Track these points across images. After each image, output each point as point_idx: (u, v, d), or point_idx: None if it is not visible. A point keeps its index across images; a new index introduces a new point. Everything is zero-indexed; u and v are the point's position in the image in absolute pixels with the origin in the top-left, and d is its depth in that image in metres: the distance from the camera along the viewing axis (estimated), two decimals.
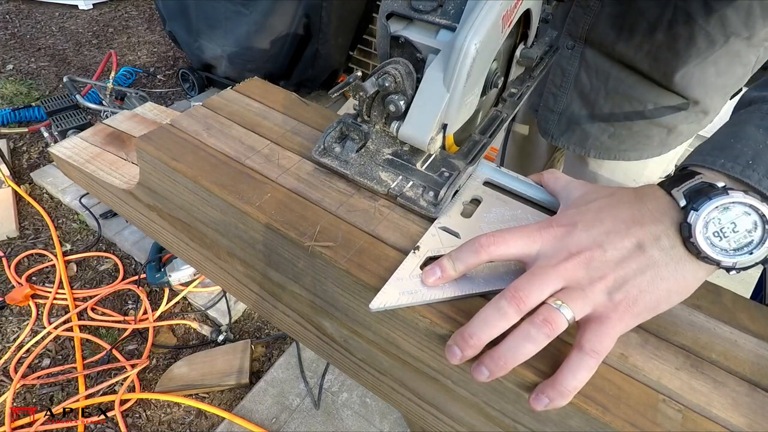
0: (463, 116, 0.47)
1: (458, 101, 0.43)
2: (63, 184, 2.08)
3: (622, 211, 0.37)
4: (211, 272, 0.63)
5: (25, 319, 1.66)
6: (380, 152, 0.51)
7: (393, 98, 0.45)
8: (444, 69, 0.42)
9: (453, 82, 0.42)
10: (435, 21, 0.43)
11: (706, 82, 0.70)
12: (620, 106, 0.78)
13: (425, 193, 0.48)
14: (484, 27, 0.39)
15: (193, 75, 2.63)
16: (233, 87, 0.66)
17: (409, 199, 0.47)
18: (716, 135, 0.39)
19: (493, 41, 0.43)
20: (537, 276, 0.35)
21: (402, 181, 0.49)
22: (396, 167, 0.50)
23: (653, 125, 0.78)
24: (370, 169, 0.50)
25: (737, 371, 0.38)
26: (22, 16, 3.44)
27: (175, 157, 0.53)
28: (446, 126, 0.46)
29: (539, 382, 0.36)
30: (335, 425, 1.44)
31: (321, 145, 0.51)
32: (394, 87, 0.44)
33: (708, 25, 0.63)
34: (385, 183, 0.49)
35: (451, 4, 0.42)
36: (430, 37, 0.44)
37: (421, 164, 0.50)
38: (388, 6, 0.45)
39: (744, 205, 0.33)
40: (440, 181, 0.48)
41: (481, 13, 0.39)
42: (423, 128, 0.45)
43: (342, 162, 0.50)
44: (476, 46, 0.39)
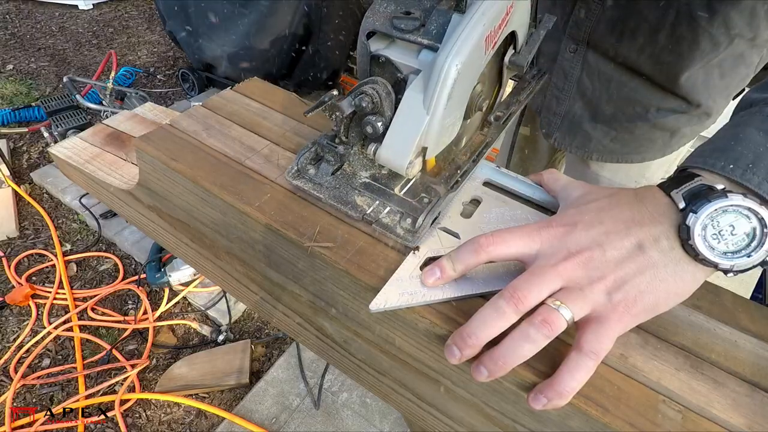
0: (444, 140, 0.45)
1: (439, 124, 0.42)
2: (63, 184, 2.08)
3: (621, 211, 0.37)
4: (210, 272, 0.63)
5: (25, 319, 1.66)
6: (357, 175, 0.49)
7: (370, 119, 0.43)
8: (424, 90, 0.40)
9: (433, 104, 0.40)
10: (416, 40, 0.41)
11: (709, 85, 0.70)
12: (623, 110, 0.77)
13: (402, 220, 0.45)
14: (466, 48, 0.38)
15: (193, 75, 2.63)
16: (233, 87, 0.66)
17: (385, 227, 0.45)
18: (717, 136, 0.39)
19: (476, 63, 0.41)
20: (536, 276, 0.35)
21: (379, 206, 0.47)
22: (373, 191, 0.48)
23: (656, 128, 0.77)
24: (346, 193, 0.48)
25: (737, 371, 0.38)
26: (22, 16, 3.44)
27: (174, 157, 0.53)
28: (426, 149, 0.44)
29: (538, 382, 0.36)
30: (335, 425, 1.44)
31: (294, 166, 0.49)
32: (372, 108, 0.42)
33: (711, 27, 0.63)
34: (360, 208, 0.46)
35: (433, 23, 0.41)
36: (411, 57, 0.43)
37: (400, 189, 0.48)
38: (369, 24, 0.43)
39: (743, 208, 0.33)
40: (419, 208, 0.46)
41: (463, 34, 0.38)
42: (401, 152, 0.43)
43: (316, 185, 0.48)
44: (457, 67, 0.38)
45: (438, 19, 0.41)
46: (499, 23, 0.41)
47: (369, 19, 0.43)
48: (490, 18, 0.39)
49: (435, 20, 0.41)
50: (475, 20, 0.38)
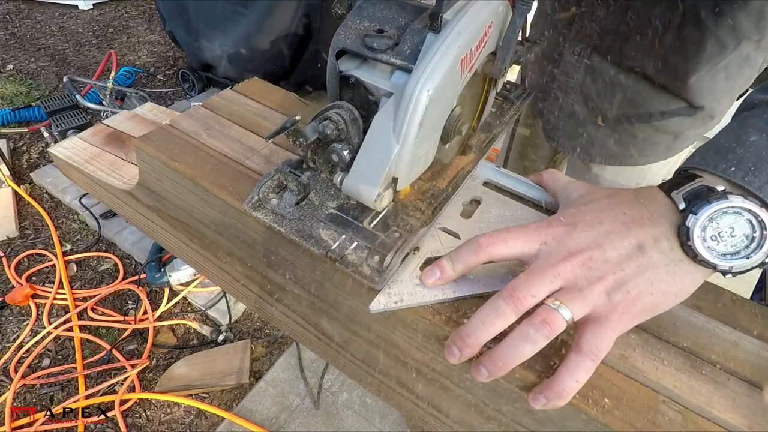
0: (416, 170, 0.42)
1: (410, 153, 0.39)
2: (63, 184, 2.08)
3: (621, 212, 0.37)
4: (210, 272, 0.63)
5: (25, 319, 1.66)
6: (324, 205, 0.46)
7: (335, 147, 0.40)
8: (394, 117, 0.37)
9: (403, 133, 0.37)
10: (389, 61, 0.38)
11: (715, 87, 0.69)
12: (626, 113, 0.77)
13: (370, 257, 0.42)
14: (439, 72, 0.35)
15: (193, 75, 2.63)
16: (233, 87, 0.66)
17: (350, 265, 0.41)
18: (718, 137, 0.39)
19: (451, 87, 0.38)
20: (535, 276, 0.35)
21: (345, 241, 0.43)
22: (340, 224, 0.44)
23: (660, 131, 0.77)
24: (310, 226, 0.44)
25: (737, 372, 0.38)
26: (22, 16, 3.44)
27: (174, 157, 0.53)
28: (397, 180, 0.41)
29: (538, 382, 0.36)
30: (335, 425, 1.44)
31: (255, 195, 0.45)
32: (337, 134, 0.40)
33: (719, 29, 0.62)
34: (324, 243, 0.43)
35: (407, 43, 0.38)
36: (383, 79, 0.40)
37: (370, 221, 0.45)
38: (339, 42, 0.40)
39: (743, 210, 0.33)
40: (389, 243, 0.42)
41: (435, 57, 0.35)
42: (369, 183, 0.40)
43: (277, 217, 0.45)
44: (429, 93, 0.35)
45: (412, 38, 0.38)
46: (477, 44, 0.39)
47: (340, 36, 0.40)
48: (466, 39, 0.37)
49: (409, 39, 0.38)
50: (449, 42, 0.36)
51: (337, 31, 0.40)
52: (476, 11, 0.37)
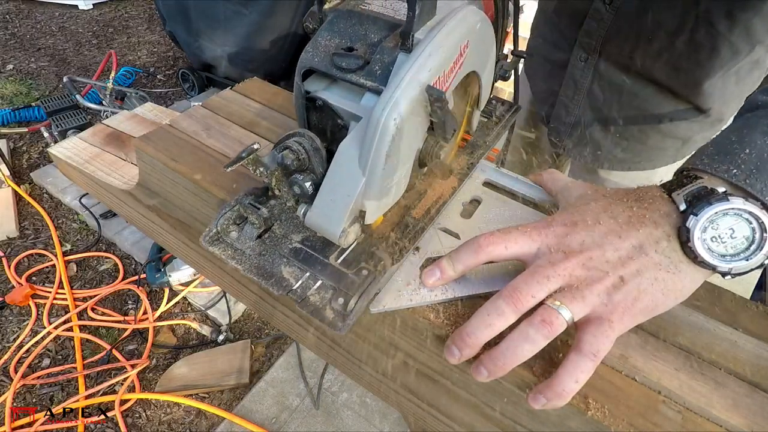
0: (386, 201, 0.39)
1: (378, 186, 0.36)
2: (63, 184, 2.08)
3: (621, 212, 0.37)
4: (210, 272, 0.63)
5: (25, 319, 1.66)
6: (288, 238, 0.43)
7: (297, 179, 0.37)
8: (360, 146, 0.35)
9: (369, 164, 0.34)
10: (358, 82, 0.35)
11: (726, 91, 0.69)
12: (635, 120, 0.76)
13: (334, 299, 0.39)
14: (407, 99, 0.33)
15: (193, 75, 2.63)
16: (233, 87, 0.66)
17: (312, 307, 0.38)
18: (720, 138, 0.39)
19: (423, 113, 0.36)
20: (535, 276, 0.35)
21: (308, 280, 0.40)
22: (304, 260, 0.41)
23: (668, 137, 0.76)
24: (271, 263, 0.41)
25: (737, 372, 0.38)
26: (22, 16, 3.44)
27: (174, 157, 0.53)
28: (364, 213, 0.38)
29: (538, 382, 0.36)
30: (335, 425, 1.44)
31: (213, 229, 0.42)
32: (298, 165, 0.37)
33: (732, 35, 0.61)
34: (285, 283, 0.40)
35: (377, 63, 0.35)
36: (352, 101, 0.37)
37: (337, 256, 0.41)
38: (306, 61, 0.37)
39: (743, 212, 0.33)
40: (356, 282, 0.39)
41: (403, 82, 0.33)
42: (333, 218, 0.37)
43: (236, 252, 0.42)
44: (395, 121, 0.32)
45: (383, 57, 0.35)
46: (451, 66, 0.36)
47: (308, 54, 0.37)
48: (438, 61, 0.34)
49: (379, 59, 0.35)
50: (419, 65, 0.33)
51: (306, 48, 0.38)
52: (449, 30, 0.35)
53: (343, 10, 0.38)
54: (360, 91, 0.37)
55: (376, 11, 0.38)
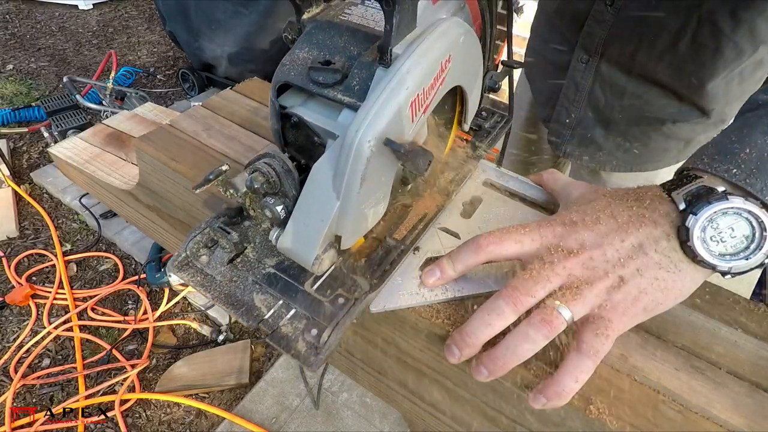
0: (364, 226, 0.37)
1: (354, 210, 0.34)
2: (63, 184, 2.08)
3: (621, 212, 0.37)
4: None
5: (25, 319, 1.66)
6: (261, 263, 0.41)
7: (268, 202, 0.36)
8: (334, 168, 0.33)
9: (344, 187, 0.32)
10: (336, 98, 0.34)
11: (729, 92, 0.68)
12: (637, 121, 0.75)
13: (307, 330, 0.37)
14: (383, 119, 0.31)
15: (193, 75, 2.63)
16: (233, 87, 0.66)
17: (283, 340, 0.36)
18: (721, 138, 0.38)
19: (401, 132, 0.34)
20: (535, 275, 0.35)
21: (281, 308, 0.38)
22: (277, 287, 0.39)
23: (671, 139, 0.75)
24: (242, 289, 0.39)
25: (737, 372, 0.38)
26: (22, 16, 3.44)
27: (174, 157, 0.53)
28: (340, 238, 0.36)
29: (538, 382, 0.36)
30: (335, 425, 1.44)
31: (182, 252, 0.40)
32: (268, 188, 0.35)
33: (736, 35, 0.60)
34: (256, 312, 0.38)
35: (355, 77, 0.33)
36: (329, 118, 0.35)
37: (312, 282, 0.39)
38: (282, 75, 0.35)
39: (743, 211, 0.33)
40: (331, 311, 0.37)
41: (379, 101, 0.31)
42: (306, 244, 0.35)
43: (206, 278, 0.40)
44: (370, 144, 0.31)
45: (360, 72, 0.34)
46: (432, 82, 0.34)
47: (284, 67, 0.35)
48: (417, 79, 0.32)
49: (357, 74, 0.34)
50: (396, 82, 0.31)
51: (282, 61, 0.36)
52: (429, 45, 0.33)
53: (321, 21, 0.36)
54: (337, 107, 0.35)
55: (356, 22, 0.36)
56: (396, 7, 0.30)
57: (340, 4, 0.38)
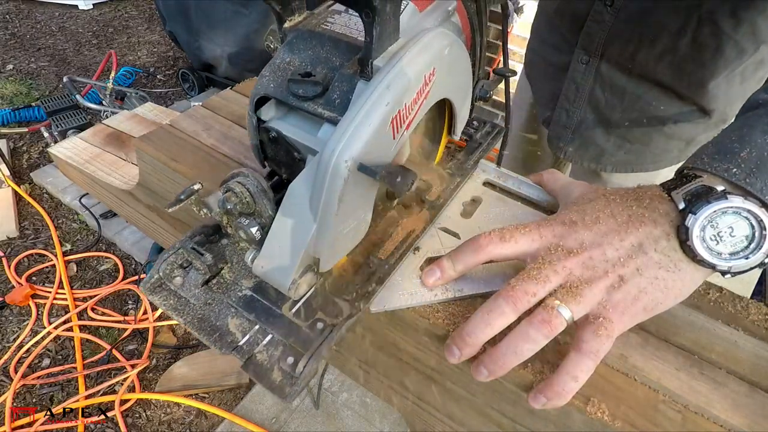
0: (344, 248, 0.36)
1: (331, 233, 0.32)
2: (63, 184, 2.08)
3: (621, 211, 0.37)
4: None
5: (25, 319, 1.66)
6: (238, 284, 0.39)
7: (242, 223, 0.34)
8: (311, 188, 0.31)
9: (320, 209, 0.31)
10: (316, 111, 0.32)
11: (730, 92, 0.68)
12: (638, 122, 0.75)
13: (283, 358, 0.35)
14: (361, 137, 0.29)
15: (193, 75, 2.63)
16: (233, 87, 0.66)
17: (258, 369, 0.35)
18: (721, 137, 0.38)
19: (382, 150, 0.32)
20: (535, 275, 0.35)
21: (257, 334, 0.36)
22: (254, 310, 0.37)
23: (672, 139, 0.75)
24: (217, 313, 0.37)
25: (737, 371, 0.38)
26: (22, 16, 3.44)
27: (174, 157, 0.53)
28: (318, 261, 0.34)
29: (538, 381, 0.36)
30: (335, 425, 1.44)
31: (155, 274, 0.38)
32: (242, 208, 0.33)
33: (737, 34, 0.60)
34: (231, 338, 0.36)
35: (336, 90, 0.32)
36: (309, 133, 0.34)
37: (291, 305, 0.38)
38: (261, 87, 0.34)
39: (742, 210, 0.33)
40: (309, 338, 0.36)
41: (357, 118, 0.29)
42: (282, 267, 0.33)
43: (180, 301, 0.38)
44: (347, 164, 0.29)
45: (341, 85, 0.32)
46: (414, 97, 0.32)
47: (264, 79, 0.34)
48: (398, 94, 0.31)
49: (338, 86, 0.32)
50: (376, 98, 0.30)
51: (262, 72, 0.35)
52: (411, 59, 0.31)
53: (303, 30, 0.35)
54: (318, 121, 0.33)
55: (338, 31, 0.35)
56: (376, 19, 0.29)
57: (323, 13, 0.37)
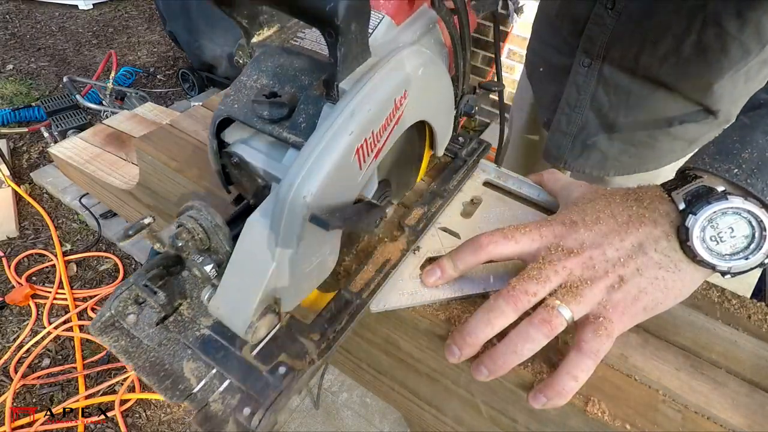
0: (308, 286, 0.33)
1: (292, 273, 0.30)
2: (63, 184, 2.08)
3: (621, 211, 0.37)
4: None
5: (25, 319, 1.66)
6: (196, 323, 0.35)
7: (194, 261, 0.30)
8: (269, 224, 0.28)
9: (278, 248, 0.28)
10: (281, 135, 0.30)
11: (735, 92, 0.67)
12: (643, 124, 0.73)
13: (239, 408, 0.31)
14: (322, 171, 0.27)
15: (193, 75, 2.63)
16: None
17: (211, 421, 0.31)
18: (722, 137, 0.38)
19: (347, 181, 0.29)
20: (535, 275, 0.35)
21: (213, 379, 0.33)
22: (211, 352, 0.34)
23: (677, 140, 0.74)
24: (172, 355, 0.34)
25: (737, 371, 0.38)
26: (22, 16, 3.44)
27: (174, 157, 0.53)
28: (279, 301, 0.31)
29: (538, 381, 0.36)
30: (335, 425, 1.44)
31: (106, 311, 0.35)
32: (195, 245, 0.30)
33: (742, 35, 0.60)
34: (185, 384, 0.33)
35: (302, 113, 0.30)
36: (274, 159, 0.31)
37: (251, 348, 0.34)
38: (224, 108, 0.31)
39: (743, 211, 0.33)
40: (269, 383, 0.32)
41: (317, 149, 0.27)
42: (239, 309, 0.30)
43: (131, 342, 0.34)
44: (306, 200, 0.27)
45: (307, 108, 0.30)
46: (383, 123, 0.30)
47: (228, 99, 0.32)
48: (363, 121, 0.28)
49: (304, 109, 0.30)
50: (338, 127, 0.27)
51: (226, 91, 0.32)
52: (380, 81, 0.29)
53: (271, 46, 0.33)
54: (284, 146, 0.31)
55: (308, 48, 0.33)
56: (339, 39, 0.26)
57: (293, 27, 0.35)
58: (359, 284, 0.39)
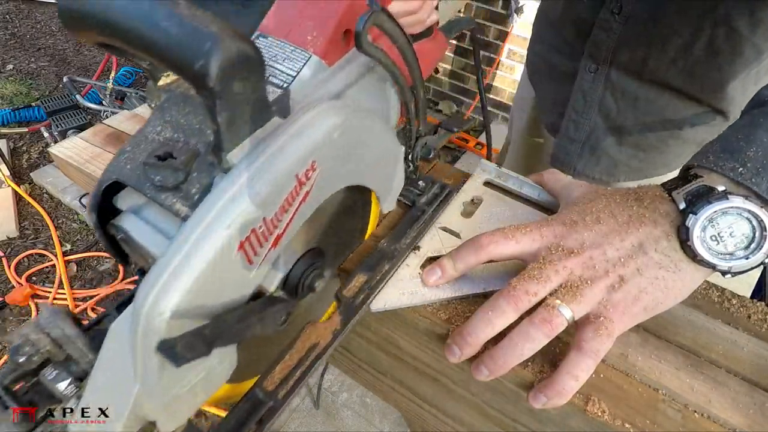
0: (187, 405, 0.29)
1: (162, 394, 0.25)
2: (63, 184, 2.07)
3: (622, 211, 0.37)
4: None
5: (25, 319, 1.66)
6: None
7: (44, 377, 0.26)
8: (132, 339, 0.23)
9: (140, 370, 0.23)
10: (173, 207, 0.25)
11: (746, 93, 0.66)
12: (652, 128, 0.72)
13: None
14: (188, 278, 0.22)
15: None
16: None
17: None
18: (725, 135, 0.38)
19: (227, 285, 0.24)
20: (536, 275, 0.35)
21: None
22: None
23: (687, 143, 0.73)
24: None
25: (737, 371, 0.38)
26: (22, 16, 3.44)
27: None
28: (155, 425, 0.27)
29: (538, 381, 0.36)
30: (335, 425, 1.44)
31: None
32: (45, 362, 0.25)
33: (755, 35, 0.58)
34: None
35: (195, 183, 0.25)
36: (165, 236, 0.26)
37: None
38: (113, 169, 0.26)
39: (743, 211, 0.33)
40: None
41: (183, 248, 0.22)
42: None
43: None
44: (164, 317, 0.22)
45: (200, 176, 0.25)
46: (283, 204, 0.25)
47: (121, 157, 0.26)
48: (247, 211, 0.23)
49: (197, 177, 0.25)
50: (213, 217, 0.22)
51: (122, 147, 0.27)
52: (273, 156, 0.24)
53: (176, 93, 0.28)
54: (177, 220, 0.25)
55: None
56: (217, 102, 0.21)
57: None
58: (276, 379, 0.32)
